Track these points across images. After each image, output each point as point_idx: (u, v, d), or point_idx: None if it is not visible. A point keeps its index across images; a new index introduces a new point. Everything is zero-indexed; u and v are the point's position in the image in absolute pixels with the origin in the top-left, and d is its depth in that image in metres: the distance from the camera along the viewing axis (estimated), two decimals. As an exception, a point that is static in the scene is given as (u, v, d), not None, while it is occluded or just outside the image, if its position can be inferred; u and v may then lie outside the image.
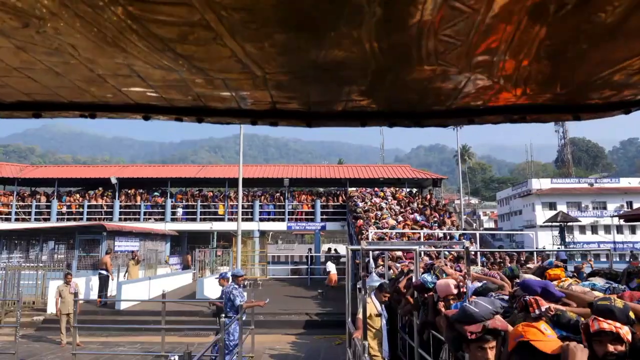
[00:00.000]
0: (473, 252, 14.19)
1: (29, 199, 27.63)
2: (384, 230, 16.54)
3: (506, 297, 4.11)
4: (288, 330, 13.17)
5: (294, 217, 26.51)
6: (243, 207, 23.17)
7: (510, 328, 2.74)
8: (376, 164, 32.32)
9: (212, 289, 16.17)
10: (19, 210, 26.87)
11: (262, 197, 27.19)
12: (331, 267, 17.82)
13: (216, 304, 10.16)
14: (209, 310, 14.43)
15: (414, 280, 7.30)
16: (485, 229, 56.15)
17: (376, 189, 26.81)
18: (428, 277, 5.89)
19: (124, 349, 11.29)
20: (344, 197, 26.73)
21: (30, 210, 26.80)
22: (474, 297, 3.89)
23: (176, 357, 4.18)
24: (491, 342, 2.69)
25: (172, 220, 26.30)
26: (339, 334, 12.32)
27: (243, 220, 21.62)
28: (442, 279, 5.42)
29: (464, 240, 5.48)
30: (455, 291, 5.04)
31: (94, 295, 15.91)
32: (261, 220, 26.18)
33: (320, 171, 28.71)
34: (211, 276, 18.77)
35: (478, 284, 4.75)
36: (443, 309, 5.33)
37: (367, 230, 18.22)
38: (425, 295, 6.64)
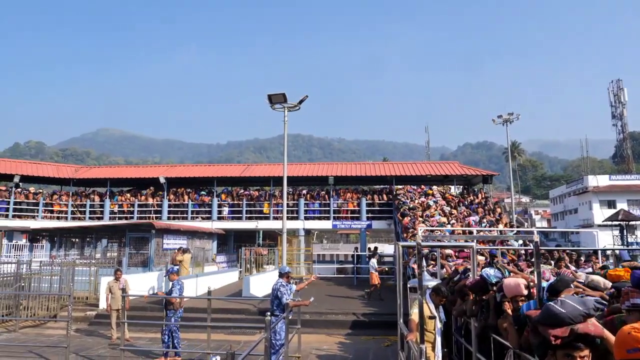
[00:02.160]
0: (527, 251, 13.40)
1: (84, 198, 28.64)
2: (435, 228, 15.93)
3: (592, 298, 3.61)
4: (334, 330, 12.86)
5: (339, 215, 26.20)
6: (288, 206, 23.05)
7: (607, 334, 2.28)
8: (423, 161, 31.51)
9: (258, 287, 16.09)
10: (75, 209, 27.88)
11: (307, 195, 27.01)
12: (375, 264, 17.25)
13: (166, 298, 10.02)
14: (255, 309, 14.34)
15: (470, 279, 6.81)
16: (539, 229, 53.83)
17: (422, 186, 26.10)
18: (491, 271, 5.39)
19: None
20: (390, 194, 26.18)
21: (84, 209, 27.75)
22: (563, 294, 3.39)
23: (218, 358, 3.91)
24: (582, 351, 2.23)
25: (219, 219, 26.55)
26: (387, 335, 11.90)
27: (288, 218, 21.49)
28: (511, 277, 4.92)
29: (534, 235, 4.96)
30: (525, 292, 4.55)
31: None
32: (306, 218, 26.01)
33: (365, 169, 28.26)
34: (257, 274, 18.73)
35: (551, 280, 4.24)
36: (509, 310, 4.86)
37: (414, 228, 17.65)
38: (484, 296, 6.15)
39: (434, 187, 25.33)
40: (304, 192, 27.61)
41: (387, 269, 22.01)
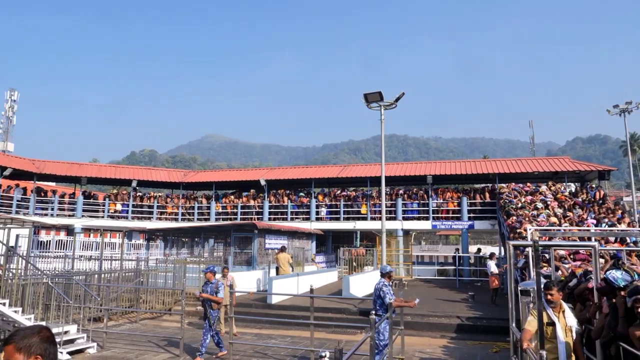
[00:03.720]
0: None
1: (192, 200, 30.64)
2: (545, 227, 14.84)
3: None
4: (438, 334, 12.46)
5: (438, 215, 25.42)
6: (386, 206, 22.81)
7: None
8: (529, 157, 29.56)
9: (358, 287, 16.08)
10: (184, 211, 29.87)
11: (405, 195, 26.55)
12: (493, 267, 16.39)
13: (202, 296, 9.91)
14: (355, 308, 14.33)
15: (593, 282, 6.21)
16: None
17: (529, 184, 24.46)
18: (618, 274, 4.85)
19: (276, 342, 11.62)
20: (492, 194, 24.91)
21: (193, 211, 29.63)
22: None
23: (327, 353, 3.91)
24: None
25: (317, 219, 26.97)
26: (495, 340, 11.30)
27: (386, 219, 21.25)
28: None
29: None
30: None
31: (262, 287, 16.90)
32: (404, 219, 25.56)
33: (465, 167, 27.15)
34: (357, 274, 18.73)
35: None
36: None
37: (521, 228, 16.59)
38: (613, 299, 5.55)
39: (543, 186, 23.59)
40: (401, 191, 27.17)
41: (504, 268, 21.00)
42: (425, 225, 25.53)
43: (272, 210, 28.08)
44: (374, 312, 6.16)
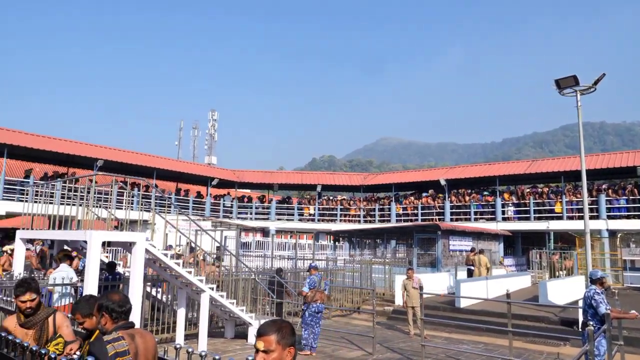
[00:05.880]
0: None
1: (372, 202, 31.40)
2: None
3: None
4: (664, 352, 10.58)
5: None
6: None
7: None
8: None
9: (557, 294, 14.61)
10: (366, 213, 30.75)
11: (609, 190, 23.29)
12: None
13: (302, 293, 10.04)
14: (556, 317, 13.03)
15: None
16: None
17: None
18: None
19: (468, 347, 11.16)
20: None
21: (374, 212, 30.32)
22: None
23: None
24: None
25: (503, 219, 25.30)
26: None
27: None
28: None
29: None
30: None
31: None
32: (609, 217, 22.41)
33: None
34: (554, 280, 17.06)
35: None
36: None
37: None
38: None
39: None
40: (604, 186, 23.90)
41: None
42: (638, 224, 22.02)
43: (453, 210, 27.22)
44: (591, 323, 5.46)
